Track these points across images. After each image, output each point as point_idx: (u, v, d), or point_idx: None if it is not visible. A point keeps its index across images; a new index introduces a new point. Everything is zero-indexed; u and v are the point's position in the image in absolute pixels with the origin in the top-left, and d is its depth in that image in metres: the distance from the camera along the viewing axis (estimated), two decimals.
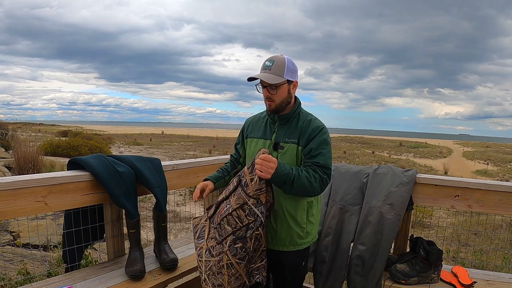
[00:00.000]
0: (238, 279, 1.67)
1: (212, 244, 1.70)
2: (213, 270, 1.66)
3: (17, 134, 14.23)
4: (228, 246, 1.65)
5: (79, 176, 1.82)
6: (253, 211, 1.62)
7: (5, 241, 3.36)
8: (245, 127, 1.92)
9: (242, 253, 1.65)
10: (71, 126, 52.85)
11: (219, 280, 1.66)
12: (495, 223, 4.13)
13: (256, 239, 1.67)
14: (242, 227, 1.65)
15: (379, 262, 1.98)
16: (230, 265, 1.65)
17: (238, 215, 1.64)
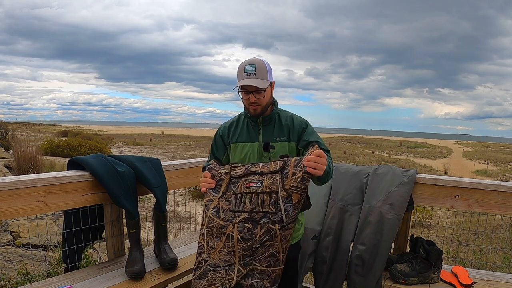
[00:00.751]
0: (230, 254, 1.60)
1: (224, 205, 1.62)
2: (214, 231, 1.61)
3: (17, 134, 14.23)
4: (239, 220, 1.58)
5: (79, 176, 1.82)
6: (279, 203, 1.54)
7: (5, 241, 3.36)
8: (225, 133, 1.84)
9: (247, 235, 1.57)
10: (71, 126, 52.87)
11: (214, 243, 1.61)
12: (495, 223, 4.13)
13: (267, 233, 1.56)
14: (260, 212, 1.57)
15: (379, 262, 1.98)
16: (231, 237, 1.59)
17: (263, 199, 1.56)
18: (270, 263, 1.56)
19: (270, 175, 1.57)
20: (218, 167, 1.69)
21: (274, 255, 1.56)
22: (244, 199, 1.58)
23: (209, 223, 1.61)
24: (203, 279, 1.62)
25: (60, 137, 21.10)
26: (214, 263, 1.61)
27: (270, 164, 1.60)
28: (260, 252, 1.56)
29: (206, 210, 1.64)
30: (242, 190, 1.60)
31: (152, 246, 2.20)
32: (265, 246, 1.56)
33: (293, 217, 1.53)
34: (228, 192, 1.63)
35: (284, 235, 1.54)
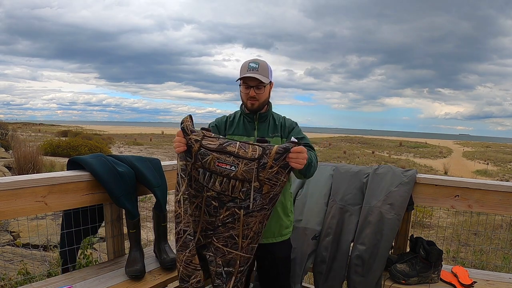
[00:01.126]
0: (195, 223, 1.63)
1: (195, 175, 1.60)
2: (190, 198, 1.61)
3: (17, 134, 14.23)
4: (207, 195, 1.58)
5: (79, 176, 1.82)
6: (249, 192, 1.54)
7: (5, 241, 3.36)
8: (221, 125, 1.90)
9: (212, 212, 1.59)
10: (71, 126, 52.87)
11: (190, 210, 1.60)
12: (495, 223, 4.13)
13: (231, 216, 1.57)
14: (229, 196, 1.56)
15: (379, 262, 1.98)
16: (199, 208, 1.62)
17: (234, 185, 1.54)
18: (227, 243, 1.60)
19: (246, 161, 1.52)
20: (191, 130, 1.60)
21: (233, 238, 1.59)
22: (214, 180, 1.55)
23: (187, 189, 1.58)
24: (184, 250, 1.60)
25: (60, 137, 21.10)
26: (192, 231, 1.60)
27: (248, 147, 1.54)
28: (220, 231, 1.60)
29: (184, 175, 1.57)
30: (212, 167, 1.55)
31: (152, 246, 2.20)
32: (226, 227, 1.59)
33: (259, 206, 1.55)
34: (197, 163, 1.57)
35: (247, 221, 1.57)
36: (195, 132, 1.59)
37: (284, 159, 1.51)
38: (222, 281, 1.65)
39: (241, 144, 1.55)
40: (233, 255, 1.61)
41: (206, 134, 1.60)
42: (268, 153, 1.52)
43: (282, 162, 1.51)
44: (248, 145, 1.55)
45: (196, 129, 1.61)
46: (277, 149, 1.51)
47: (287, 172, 1.53)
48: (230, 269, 1.63)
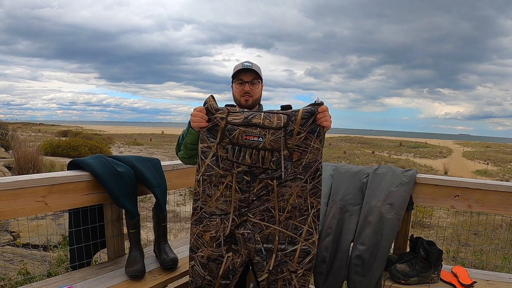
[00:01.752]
0: (226, 204, 1.59)
1: (222, 154, 1.56)
2: (212, 180, 1.58)
3: (17, 134, 14.23)
4: (238, 171, 1.55)
5: (79, 176, 1.82)
6: (280, 161, 1.52)
7: (5, 241, 3.36)
8: None
9: (245, 187, 1.56)
10: (71, 126, 52.88)
11: (212, 191, 1.59)
12: (495, 223, 4.12)
13: (265, 188, 1.55)
14: (260, 167, 1.54)
15: (379, 262, 1.98)
16: (229, 187, 1.57)
17: (264, 156, 1.53)
18: (263, 217, 1.58)
19: (272, 130, 1.52)
20: (215, 108, 1.58)
21: (269, 210, 1.57)
22: (244, 153, 1.54)
23: (207, 170, 1.58)
24: (198, 225, 1.63)
25: (60, 137, 21.10)
26: (210, 211, 1.60)
27: (273, 117, 1.54)
28: (255, 205, 1.58)
29: (204, 157, 1.58)
30: (240, 141, 1.54)
31: (152, 246, 2.20)
32: (261, 200, 1.57)
33: (291, 175, 1.54)
34: (225, 140, 1.56)
35: (282, 192, 1.55)
36: (220, 110, 1.57)
37: (312, 123, 1.51)
38: (262, 258, 1.61)
39: (265, 114, 1.55)
40: (271, 229, 1.59)
41: (231, 109, 1.58)
42: (294, 119, 1.52)
43: (309, 127, 1.51)
44: (273, 114, 1.55)
45: (220, 106, 1.60)
46: (303, 114, 1.52)
47: (316, 137, 1.52)
48: (269, 246, 1.60)
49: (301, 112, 1.52)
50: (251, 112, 1.57)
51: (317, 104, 1.52)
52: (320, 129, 1.53)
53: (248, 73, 1.82)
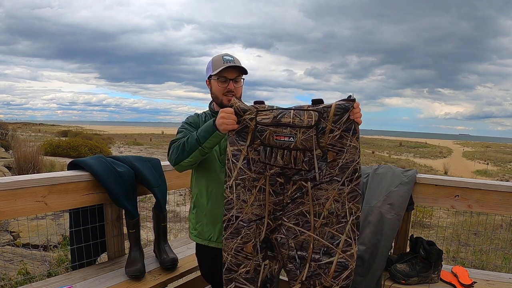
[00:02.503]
0: (260, 208, 1.49)
1: (254, 156, 1.48)
2: (246, 184, 1.49)
3: (17, 134, 14.23)
4: (270, 174, 1.46)
5: (79, 176, 1.82)
6: (312, 161, 1.43)
7: (5, 241, 3.36)
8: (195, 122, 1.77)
9: (279, 189, 1.47)
10: (71, 126, 52.89)
11: (246, 196, 1.49)
12: (495, 223, 4.12)
13: (299, 190, 1.46)
14: (293, 168, 1.45)
15: (379, 262, 1.98)
16: (263, 190, 1.48)
17: (296, 156, 1.44)
18: (298, 222, 1.47)
19: (303, 129, 1.43)
20: (243, 109, 1.48)
21: (304, 214, 1.47)
22: (276, 154, 1.46)
23: (240, 175, 1.49)
24: (235, 237, 1.51)
25: (60, 137, 21.10)
26: (247, 218, 1.50)
27: (303, 114, 1.44)
28: (290, 208, 1.48)
29: (235, 160, 1.49)
30: (271, 141, 1.46)
31: (152, 246, 2.20)
32: (296, 203, 1.47)
33: (327, 177, 1.43)
34: (256, 141, 1.48)
35: (317, 195, 1.45)
36: (248, 111, 1.48)
37: (347, 120, 1.41)
38: (295, 266, 1.50)
39: (295, 112, 1.45)
40: (305, 235, 1.48)
41: (260, 108, 1.49)
42: (326, 116, 1.42)
43: (344, 125, 1.41)
44: (303, 111, 1.45)
45: (248, 105, 1.51)
46: (335, 110, 1.41)
47: (352, 134, 1.41)
48: (303, 254, 1.49)
49: (333, 108, 1.41)
50: (280, 109, 1.47)
51: (351, 100, 1.42)
52: (356, 126, 1.42)
53: (232, 69, 1.68)
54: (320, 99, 1.47)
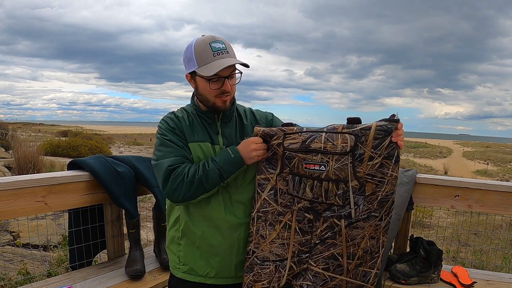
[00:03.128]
0: (283, 247, 1.33)
1: (282, 187, 1.31)
2: (268, 217, 1.33)
3: (17, 134, 14.23)
4: (298, 208, 1.29)
5: (79, 176, 1.82)
6: (347, 195, 1.24)
7: (5, 241, 3.36)
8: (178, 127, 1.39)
9: (307, 227, 1.30)
10: (71, 126, 52.89)
11: (266, 231, 1.33)
12: (495, 223, 4.12)
13: (331, 229, 1.27)
14: (323, 203, 1.26)
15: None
16: (288, 227, 1.31)
17: (327, 188, 1.25)
18: (328, 266, 1.29)
19: (337, 156, 1.23)
20: (269, 134, 1.31)
21: (335, 258, 1.28)
22: (304, 185, 1.27)
23: (263, 206, 1.33)
24: (249, 273, 1.37)
25: (60, 137, 21.10)
26: (262, 255, 1.34)
27: (337, 138, 1.23)
28: (318, 250, 1.29)
29: (260, 191, 1.34)
30: (301, 170, 1.28)
31: (152, 246, 2.20)
32: (326, 244, 1.28)
33: (365, 213, 1.24)
34: (285, 170, 1.30)
35: (352, 235, 1.26)
36: (275, 135, 1.31)
37: (388, 145, 1.19)
38: None
39: (327, 135, 1.24)
40: (336, 281, 1.29)
41: (287, 130, 1.31)
42: (364, 140, 1.20)
43: (385, 151, 1.19)
44: (337, 134, 1.24)
45: (273, 129, 1.33)
46: (376, 133, 1.19)
47: (394, 163, 1.20)
48: None
49: (373, 131, 1.20)
50: (310, 132, 1.28)
51: (394, 121, 1.20)
52: (398, 152, 1.21)
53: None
54: (357, 118, 1.25)
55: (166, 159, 1.32)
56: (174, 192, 1.30)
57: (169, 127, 1.38)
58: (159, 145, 1.37)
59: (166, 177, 1.30)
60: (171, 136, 1.36)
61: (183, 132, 1.38)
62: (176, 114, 1.44)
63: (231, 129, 1.44)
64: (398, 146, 1.20)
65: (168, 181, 1.30)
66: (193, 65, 1.33)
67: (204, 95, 1.37)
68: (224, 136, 1.42)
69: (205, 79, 1.32)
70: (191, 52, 1.33)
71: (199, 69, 1.31)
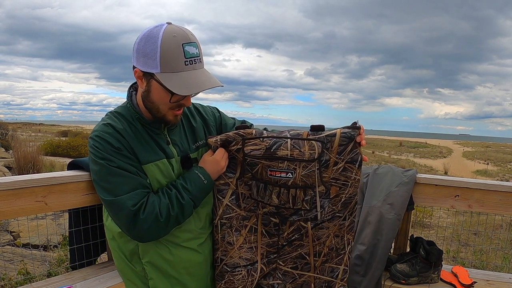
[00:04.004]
0: (251, 251, 1.33)
1: (244, 191, 1.29)
2: (233, 223, 1.31)
3: (17, 134, 14.22)
4: (263, 212, 1.29)
5: (79, 176, 1.81)
6: (315, 200, 1.26)
7: (5, 241, 3.36)
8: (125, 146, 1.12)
9: (273, 230, 1.31)
10: (71, 126, 52.87)
11: (233, 238, 1.32)
12: (495, 223, 4.12)
13: (297, 231, 1.30)
14: (290, 208, 1.28)
15: (379, 262, 1.98)
16: (254, 230, 1.31)
17: (295, 195, 1.26)
18: (296, 265, 1.34)
19: (304, 163, 1.23)
20: (227, 141, 1.26)
21: (303, 257, 1.33)
22: (270, 192, 1.27)
23: (226, 213, 1.30)
24: (220, 281, 1.36)
25: (60, 137, 21.11)
26: (232, 262, 1.34)
27: (303, 145, 1.23)
28: (286, 251, 1.33)
29: (221, 196, 1.30)
30: (265, 176, 1.26)
31: None
32: (293, 245, 1.32)
33: (329, 214, 1.28)
34: (246, 175, 1.28)
35: (318, 235, 1.31)
36: (233, 141, 1.26)
37: (351, 151, 1.23)
38: None
39: (293, 142, 1.24)
40: (305, 277, 1.34)
41: (246, 134, 1.26)
42: (330, 146, 1.23)
43: (348, 156, 1.24)
44: (303, 141, 1.24)
45: (230, 134, 1.26)
46: (340, 140, 1.23)
47: (357, 167, 1.25)
48: None
49: (338, 138, 1.23)
50: (274, 138, 1.25)
51: (357, 128, 1.25)
52: (361, 157, 1.25)
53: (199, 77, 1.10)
54: (320, 126, 1.27)
55: (125, 196, 1.07)
56: (147, 234, 1.10)
57: (113, 148, 1.09)
58: (105, 174, 1.08)
59: (132, 219, 1.08)
60: (119, 162, 1.09)
61: (132, 152, 1.12)
62: (113, 126, 1.13)
63: (180, 135, 1.27)
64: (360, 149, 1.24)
65: (136, 224, 1.08)
66: (152, 66, 1.06)
67: (156, 105, 1.13)
68: (176, 145, 1.24)
69: (166, 90, 1.08)
70: (155, 49, 1.04)
71: (163, 75, 1.06)
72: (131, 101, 1.20)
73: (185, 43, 1.06)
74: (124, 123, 1.15)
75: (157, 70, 1.06)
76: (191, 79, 1.07)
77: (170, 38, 1.05)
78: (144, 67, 1.08)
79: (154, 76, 1.08)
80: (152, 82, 1.10)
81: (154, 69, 1.06)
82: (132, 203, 1.07)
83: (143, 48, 1.07)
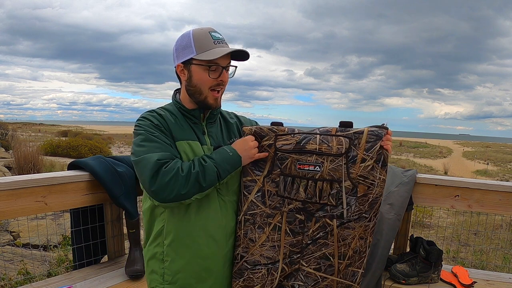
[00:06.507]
0: (273, 250, 1.32)
1: (270, 188, 1.31)
2: (256, 220, 1.31)
3: (17, 134, 14.24)
4: (289, 209, 1.29)
5: (79, 176, 1.82)
6: (340, 195, 1.27)
7: (5, 241, 3.36)
8: (163, 125, 1.27)
9: (298, 228, 1.30)
10: (71, 126, 52.88)
11: (255, 235, 1.32)
12: (495, 223, 4.13)
13: (323, 229, 1.28)
14: (317, 203, 1.28)
15: (379, 262, 1.98)
16: (278, 229, 1.31)
17: (321, 188, 1.27)
18: (320, 267, 1.31)
19: (332, 157, 1.26)
20: (260, 135, 1.30)
21: (327, 258, 1.31)
22: (297, 185, 1.28)
23: (250, 209, 1.31)
24: (238, 278, 1.35)
25: (60, 137, 21.11)
26: (253, 260, 1.33)
27: (332, 140, 1.27)
28: (310, 250, 1.31)
29: (247, 192, 1.32)
30: (293, 171, 1.28)
31: None
32: (318, 244, 1.30)
33: (356, 214, 1.27)
34: (275, 171, 1.30)
35: (343, 235, 1.28)
36: (266, 136, 1.31)
37: (378, 149, 1.25)
38: None
39: (322, 137, 1.28)
40: (328, 281, 1.31)
41: (279, 131, 1.30)
42: (357, 143, 1.26)
43: (376, 154, 1.25)
44: (331, 137, 1.27)
45: (264, 129, 1.31)
46: (368, 137, 1.25)
47: (381, 166, 1.26)
48: None
49: (365, 134, 1.26)
50: (304, 134, 1.29)
51: (384, 128, 1.27)
52: (386, 158, 1.26)
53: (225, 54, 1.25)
54: (349, 122, 1.31)
55: (154, 153, 1.18)
56: (166, 187, 1.15)
57: (153, 123, 1.26)
58: (143, 140, 1.22)
59: (156, 171, 1.15)
60: (156, 133, 1.24)
61: (168, 130, 1.27)
62: (156, 111, 1.32)
63: (217, 130, 1.38)
64: (386, 150, 1.26)
65: (158, 175, 1.15)
66: (190, 53, 1.26)
67: (198, 86, 1.28)
68: (211, 137, 1.35)
69: (204, 66, 1.25)
70: (189, 40, 1.26)
71: (199, 55, 1.24)
72: (175, 99, 1.38)
73: (211, 31, 1.28)
74: (166, 112, 1.32)
75: (194, 53, 1.25)
76: (221, 50, 1.25)
77: (198, 30, 1.29)
78: (183, 58, 1.28)
79: (193, 60, 1.26)
80: (192, 67, 1.28)
81: (191, 54, 1.26)
82: (158, 157, 1.17)
83: (179, 43, 1.30)
